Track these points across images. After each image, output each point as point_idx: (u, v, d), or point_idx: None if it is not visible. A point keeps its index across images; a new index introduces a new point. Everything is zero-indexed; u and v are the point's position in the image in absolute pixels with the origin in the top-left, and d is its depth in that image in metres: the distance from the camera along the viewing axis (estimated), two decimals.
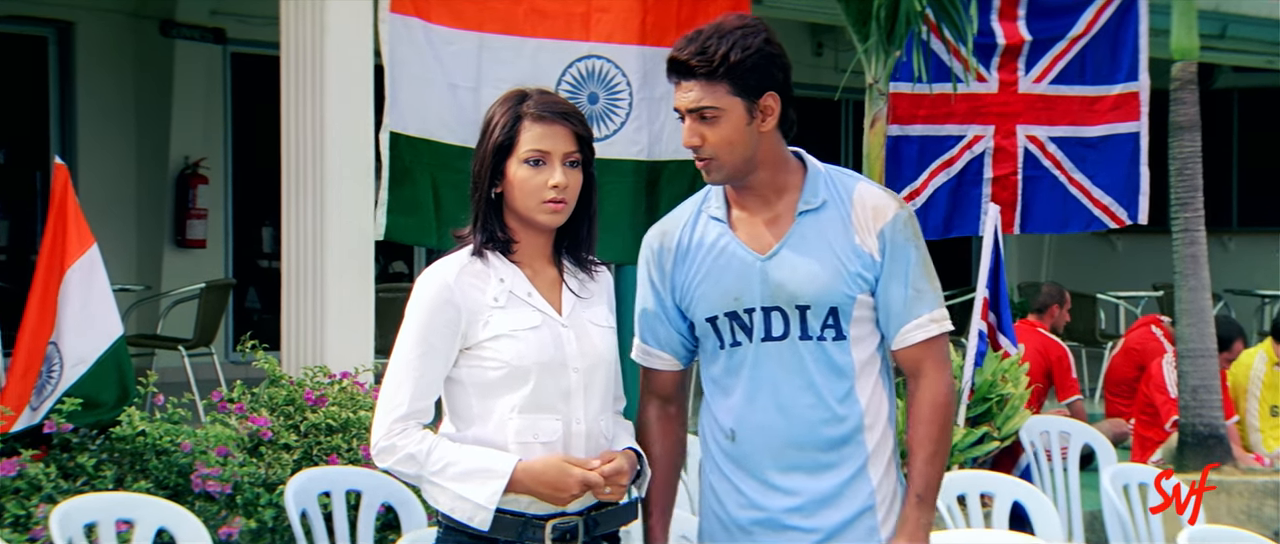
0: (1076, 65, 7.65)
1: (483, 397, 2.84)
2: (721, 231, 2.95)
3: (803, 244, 2.91)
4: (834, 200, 2.93)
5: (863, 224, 2.91)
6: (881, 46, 6.47)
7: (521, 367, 2.81)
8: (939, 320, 2.93)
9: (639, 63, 6.47)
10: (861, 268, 2.89)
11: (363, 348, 5.84)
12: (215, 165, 10.90)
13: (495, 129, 2.86)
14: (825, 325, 2.90)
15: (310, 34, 5.93)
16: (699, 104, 2.86)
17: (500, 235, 2.87)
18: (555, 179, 2.82)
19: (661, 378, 3.05)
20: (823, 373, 2.91)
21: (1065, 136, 7.64)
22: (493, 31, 6.17)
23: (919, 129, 7.48)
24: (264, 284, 11.21)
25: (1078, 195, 7.65)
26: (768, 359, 2.92)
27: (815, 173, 2.97)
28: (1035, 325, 8.55)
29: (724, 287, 2.93)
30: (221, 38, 10.72)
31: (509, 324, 2.83)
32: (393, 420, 2.82)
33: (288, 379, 5.40)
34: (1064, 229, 7.83)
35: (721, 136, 2.87)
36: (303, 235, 5.94)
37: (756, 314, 2.91)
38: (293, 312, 5.96)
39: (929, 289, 2.92)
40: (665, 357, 3.04)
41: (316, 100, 5.90)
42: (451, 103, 6.05)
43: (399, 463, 2.83)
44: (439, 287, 2.82)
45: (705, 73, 2.84)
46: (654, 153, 6.58)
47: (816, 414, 2.90)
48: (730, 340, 2.94)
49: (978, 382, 6.41)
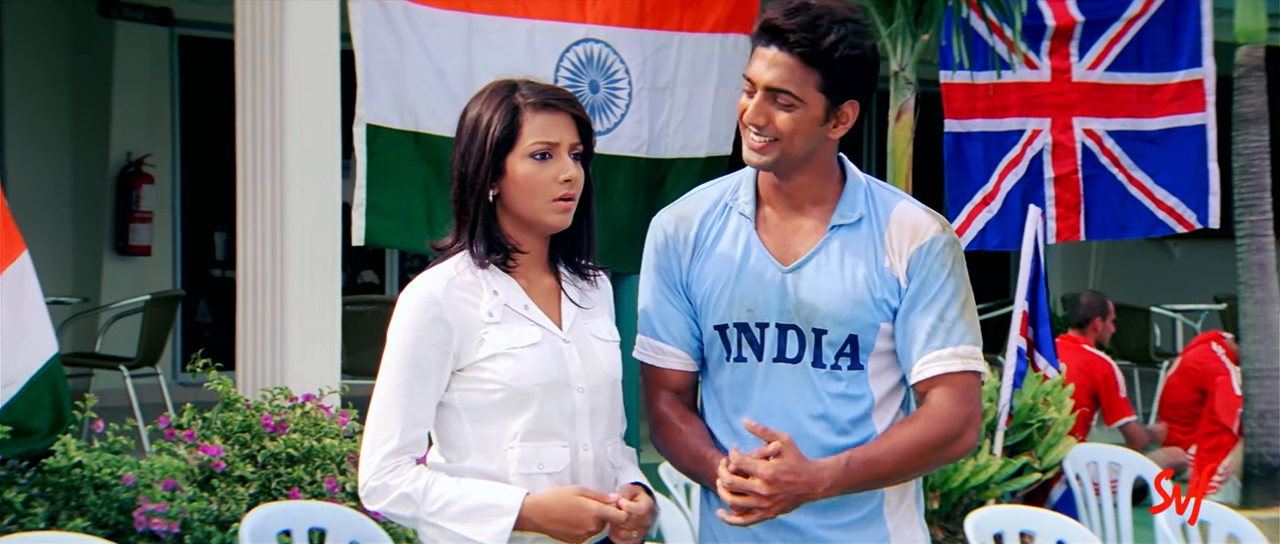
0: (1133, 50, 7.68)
1: (479, 423, 2.85)
2: (747, 230, 2.97)
3: (830, 261, 2.92)
4: (871, 217, 2.95)
5: (896, 245, 2.92)
6: (908, 29, 6.49)
7: (522, 388, 2.82)
8: (965, 357, 2.90)
9: (638, 49, 6.50)
10: (887, 293, 2.91)
11: (328, 367, 5.85)
12: (161, 162, 10.92)
13: (491, 124, 2.85)
14: (841, 354, 2.91)
15: (269, 14, 5.94)
16: (780, 84, 2.86)
17: (506, 244, 2.87)
18: (568, 172, 2.84)
19: (672, 376, 3.03)
20: (837, 402, 2.92)
21: (1123, 130, 7.67)
22: (482, 11, 6.19)
23: (980, 124, 7.50)
24: (217, 296, 11.23)
25: (1139, 196, 7.67)
26: (778, 381, 2.93)
27: (855, 184, 2.98)
28: (1077, 341, 8.56)
29: (739, 294, 2.94)
30: (168, 18, 10.74)
31: (506, 341, 2.84)
32: (383, 457, 2.82)
33: (243, 402, 5.41)
34: (1124, 234, 7.85)
35: (790, 126, 2.87)
36: (260, 241, 5.95)
37: (769, 331, 2.93)
38: (249, 326, 5.97)
39: (961, 323, 2.91)
40: (678, 354, 3.02)
41: (276, 89, 5.92)
42: (441, 91, 6.07)
43: (393, 504, 2.82)
44: (426, 303, 2.83)
45: (802, 53, 2.84)
46: (655, 150, 6.59)
47: (830, 445, 2.90)
48: (736, 355, 2.96)
49: (1017, 406, 6.42)
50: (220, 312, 10.81)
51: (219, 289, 11.10)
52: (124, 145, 10.79)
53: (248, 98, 6.02)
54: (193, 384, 6.02)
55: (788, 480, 2.78)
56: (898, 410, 2.97)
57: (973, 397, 2.92)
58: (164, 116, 11.04)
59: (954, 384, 2.89)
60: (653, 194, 6.57)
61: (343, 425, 5.33)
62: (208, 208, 11.16)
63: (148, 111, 10.91)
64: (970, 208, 7.57)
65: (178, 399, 7.23)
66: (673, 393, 3.02)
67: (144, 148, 10.81)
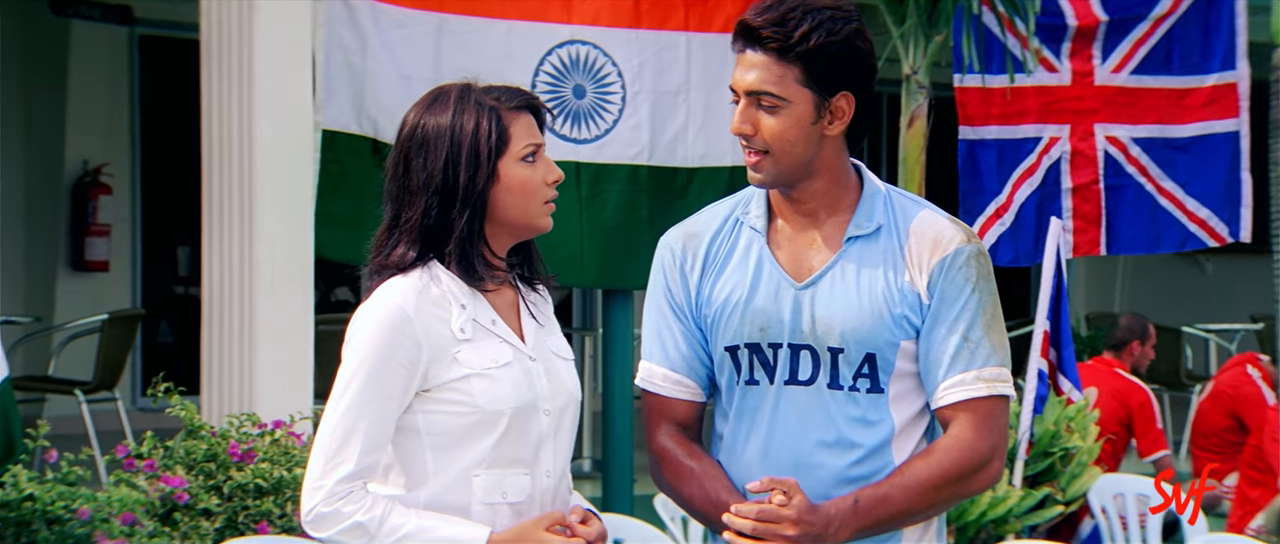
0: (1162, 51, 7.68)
1: (441, 449, 2.85)
2: (759, 246, 2.99)
3: (845, 275, 2.93)
4: (890, 227, 2.95)
5: (916, 258, 2.93)
6: (921, 29, 6.50)
7: (495, 412, 2.83)
8: (991, 381, 2.90)
9: (632, 50, 6.51)
10: (908, 310, 2.91)
11: (300, 392, 5.85)
12: (120, 172, 10.92)
13: (476, 129, 2.86)
14: (859, 374, 2.92)
15: (237, 12, 5.95)
16: (760, 87, 2.88)
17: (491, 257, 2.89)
18: (555, 172, 2.90)
19: (680, 408, 3.04)
20: (854, 428, 2.93)
21: (1151, 137, 7.68)
22: (455, 11, 6.20)
23: (994, 130, 7.51)
24: (180, 315, 11.22)
25: (1169, 207, 7.67)
26: (789, 406, 2.94)
27: (873, 192, 2.99)
28: (1112, 365, 8.54)
29: (752, 313, 2.95)
30: (127, 17, 10.74)
31: (480, 360, 2.84)
32: (337, 481, 2.80)
33: (208, 430, 5.40)
34: (1155, 248, 7.84)
35: (777, 130, 2.89)
36: (227, 256, 5.96)
37: (782, 351, 2.94)
38: (215, 348, 5.97)
39: (987, 343, 2.91)
40: (686, 382, 3.03)
41: (244, 93, 5.93)
42: (404, 96, 6.08)
43: (345, 533, 2.81)
44: (397, 317, 2.83)
45: (777, 48, 2.87)
46: (664, 157, 6.58)
47: (843, 475, 2.91)
48: (746, 377, 2.97)
49: (1038, 432, 6.43)
50: (183, 332, 10.80)
51: (182, 308, 11.09)
52: (80, 153, 10.79)
53: (214, 102, 6.03)
54: (154, 410, 6.01)
55: (807, 521, 2.80)
56: (920, 441, 2.97)
57: (998, 424, 2.92)
58: (123, 122, 11.04)
59: (977, 411, 2.90)
60: (667, 205, 6.57)
61: None
62: (170, 220, 11.15)
63: (106, 117, 10.91)
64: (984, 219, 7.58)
65: (137, 426, 7.23)
66: (677, 426, 3.03)
67: (101, 156, 10.81)
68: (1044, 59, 7.52)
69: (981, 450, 2.90)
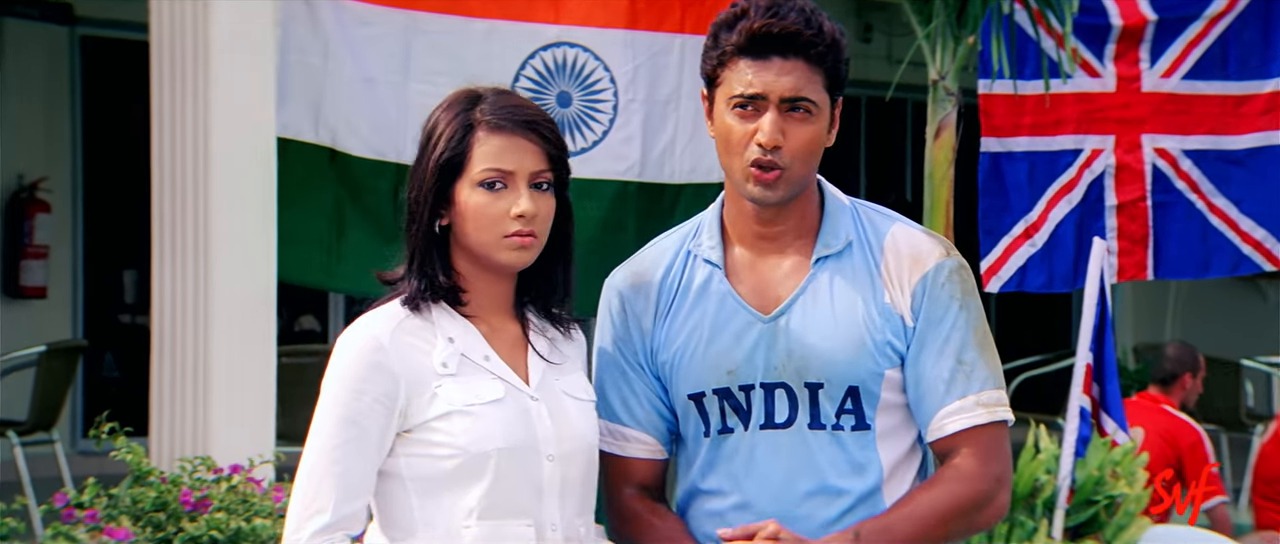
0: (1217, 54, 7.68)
1: (427, 496, 2.85)
2: (716, 279, 3.00)
3: (817, 300, 2.95)
4: (862, 243, 2.98)
5: (894, 276, 2.95)
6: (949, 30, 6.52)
7: (481, 454, 2.82)
8: (991, 406, 2.94)
9: (626, 53, 6.52)
10: (891, 334, 2.94)
11: (260, 433, 5.85)
12: (59, 188, 10.93)
13: (439, 140, 2.89)
14: (842, 411, 2.94)
15: (190, 12, 5.97)
16: (799, 93, 2.90)
17: (443, 281, 2.90)
18: (520, 207, 2.86)
19: (639, 467, 3.06)
20: (840, 473, 2.94)
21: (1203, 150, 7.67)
22: (428, 9, 6.22)
23: (1025, 142, 7.51)
24: (126, 347, 11.22)
25: (1220, 227, 7.67)
26: (767, 452, 2.95)
27: (836, 206, 3.02)
28: (1158, 401, 8.55)
29: (715, 354, 2.97)
30: (68, 16, 10.76)
31: (463, 397, 2.85)
32: (313, 533, 2.81)
33: (158, 475, 5.41)
34: (1203, 273, 7.84)
35: (807, 140, 2.91)
36: (180, 281, 5.96)
37: (755, 393, 2.95)
38: (165, 383, 5.98)
39: (981, 364, 2.94)
40: (646, 440, 3.05)
41: (200, 100, 5.94)
42: (366, 103, 6.11)
43: None
44: (369, 348, 2.84)
45: (816, 51, 2.90)
46: (654, 173, 6.60)
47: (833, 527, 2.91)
48: (718, 425, 2.98)
49: (1080, 478, 6.43)
50: (130, 366, 10.80)
51: (129, 338, 11.09)
52: (15, 166, 10.79)
53: (165, 109, 6.04)
54: (96, 453, 6.02)
55: None
56: (914, 480, 2.99)
57: (1003, 452, 2.96)
58: (63, 132, 11.04)
59: (980, 440, 2.93)
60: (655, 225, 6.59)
61: (277, 502, 5.33)
62: (116, 242, 11.15)
63: (44, 126, 10.92)
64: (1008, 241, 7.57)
65: (78, 472, 7.23)
66: (639, 487, 3.05)
67: (39, 170, 10.81)
68: (1084, 62, 7.52)
69: (989, 481, 2.93)
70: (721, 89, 2.94)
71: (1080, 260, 7.48)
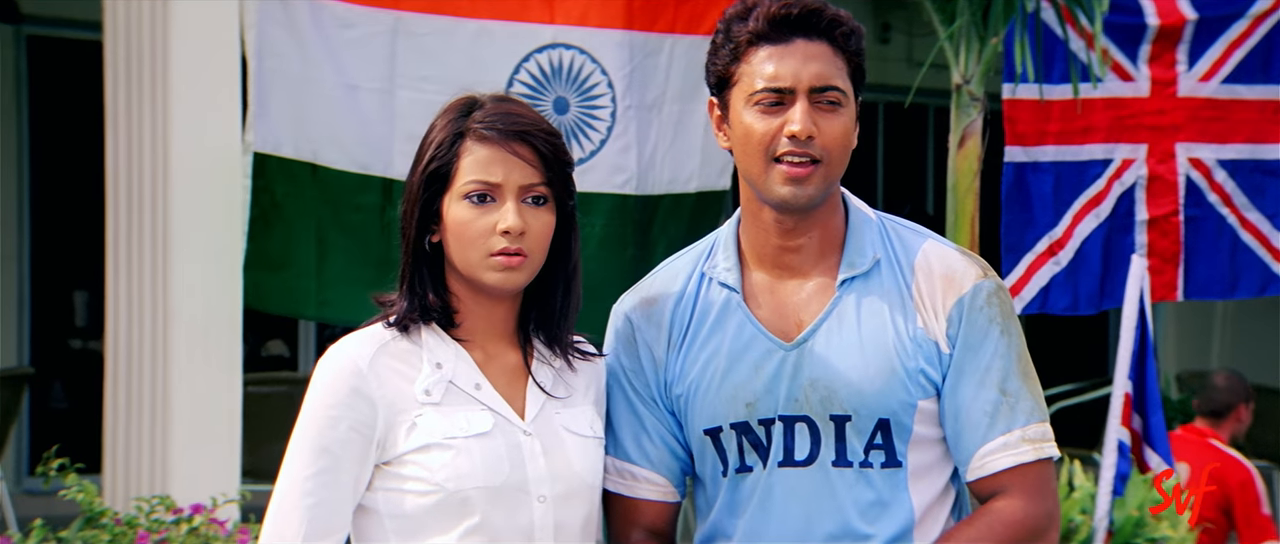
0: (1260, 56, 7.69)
1: (407, 536, 2.84)
2: (733, 304, 2.98)
3: (843, 325, 2.93)
4: (891, 263, 2.96)
5: (927, 299, 2.93)
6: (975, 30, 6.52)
7: (460, 492, 2.81)
8: (1037, 441, 2.92)
9: (624, 55, 6.53)
10: (924, 362, 2.91)
11: (225, 469, 5.84)
12: (4, 199, 10.92)
13: (429, 149, 2.89)
14: (871, 446, 2.91)
15: (149, 10, 5.96)
16: (828, 80, 2.88)
17: (432, 301, 2.89)
18: (505, 222, 2.84)
19: (649, 510, 3.04)
20: (866, 515, 2.91)
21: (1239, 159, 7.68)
22: (414, 9, 6.23)
23: (1051, 151, 7.51)
24: (77, 375, 11.21)
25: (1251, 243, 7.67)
26: (787, 493, 2.93)
27: (861, 219, 3.00)
28: (1206, 435, 8.53)
29: (733, 386, 2.95)
30: (13, 13, 10.76)
31: (444, 429, 2.83)
32: None
33: (112, 516, 5.40)
34: (1231, 294, 7.84)
35: (841, 132, 2.90)
36: (137, 303, 5.96)
37: (776, 428, 2.93)
38: (120, 415, 5.97)
39: (1025, 394, 2.92)
40: (657, 481, 3.03)
41: (159, 106, 5.94)
42: (349, 112, 6.10)
43: None
44: (345, 372, 2.84)
45: (840, 32, 2.90)
46: (646, 185, 6.60)
47: None
48: (736, 464, 2.96)
49: (1118, 519, 6.42)
50: (82, 396, 10.79)
51: (80, 366, 11.08)
52: None
53: (120, 116, 6.04)
54: (44, 492, 6.00)
55: None
56: (947, 524, 2.97)
57: (1052, 491, 2.95)
58: (9, 139, 11.04)
59: (1027, 478, 2.91)
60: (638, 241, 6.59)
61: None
62: (65, 260, 11.15)
63: None
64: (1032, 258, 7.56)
65: (24, 512, 7.21)
66: (646, 532, 3.03)
67: None
68: (1117, 65, 7.53)
69: (1040, 518, 2.92)
70: (739, 87, 2.91)
71: (1107, 280, 7.48)
